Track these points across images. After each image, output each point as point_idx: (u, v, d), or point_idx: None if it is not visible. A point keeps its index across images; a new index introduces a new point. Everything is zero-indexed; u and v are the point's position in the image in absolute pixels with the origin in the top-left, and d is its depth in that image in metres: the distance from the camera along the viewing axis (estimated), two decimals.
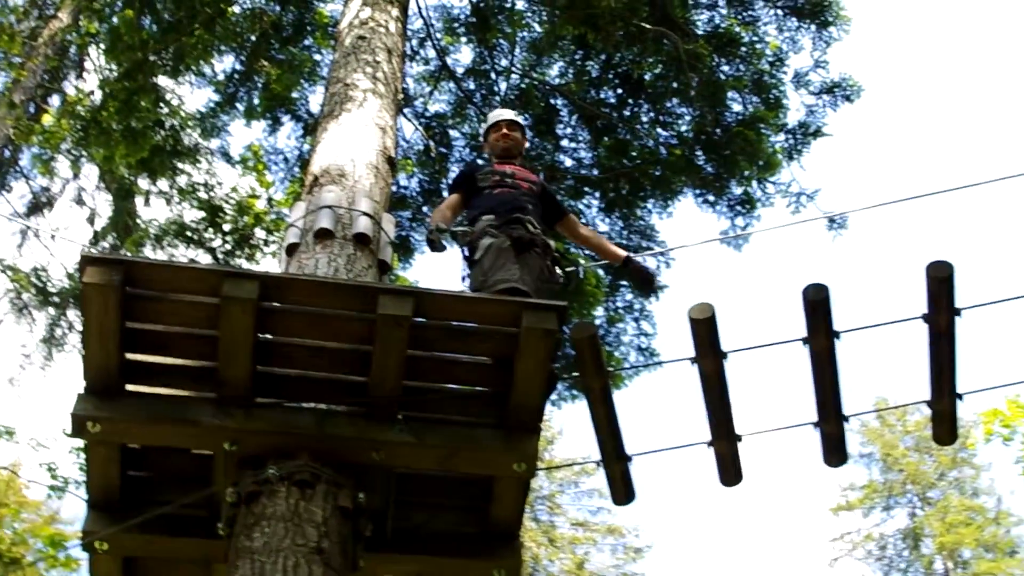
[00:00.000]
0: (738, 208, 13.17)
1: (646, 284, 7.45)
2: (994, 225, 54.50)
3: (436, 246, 6.68)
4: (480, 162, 10.44)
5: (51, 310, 16.63)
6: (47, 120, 15.60)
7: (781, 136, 13.08)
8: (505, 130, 7.49)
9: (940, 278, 6.01)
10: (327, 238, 6.52)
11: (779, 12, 13.24)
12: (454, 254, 6.81)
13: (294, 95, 13.80)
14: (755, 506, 54.30)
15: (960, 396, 6.36)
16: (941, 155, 56.71)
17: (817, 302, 6.03)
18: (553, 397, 12.62)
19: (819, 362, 6.21)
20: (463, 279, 6.65)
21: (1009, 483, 43.59)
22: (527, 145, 7.68)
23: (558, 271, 6.66)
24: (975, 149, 55.59)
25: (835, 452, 6.52)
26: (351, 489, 5.29)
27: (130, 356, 5.29)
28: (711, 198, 13.20)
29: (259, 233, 14.31)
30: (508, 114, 7.71)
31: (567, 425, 32.53)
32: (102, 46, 14.60)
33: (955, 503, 32.46)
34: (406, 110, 13.39)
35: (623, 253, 7.57)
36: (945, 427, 6.54)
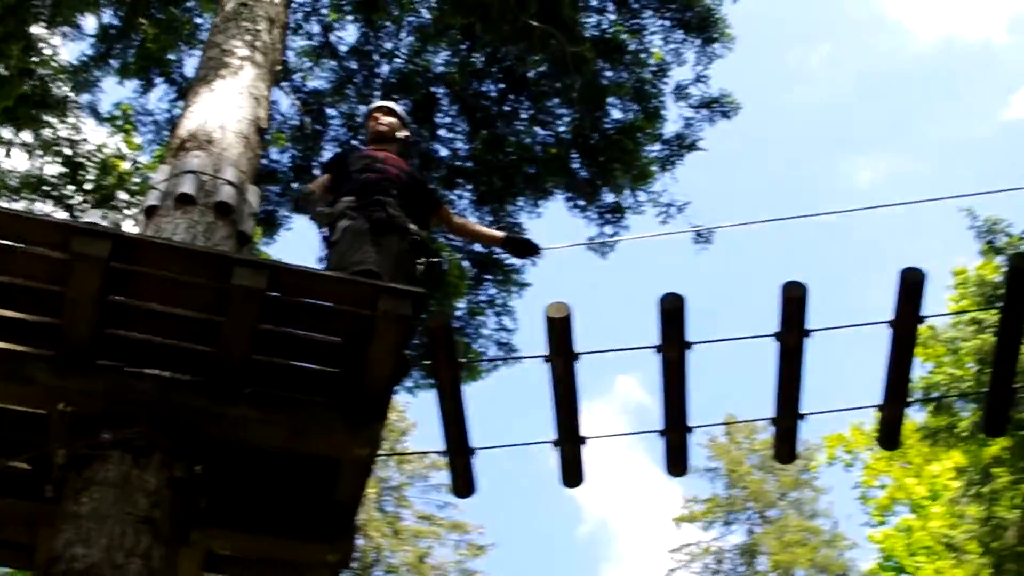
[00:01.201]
0: (608, 216, 13.28)
1: (529, 252, 7.52)
2: (853, 252, 55.82)
3: (299, 205, 6.67)
4: (356, 145, 10.39)
5: None
6: None
7: (657, 146, 13.23)
8: (377, 115, 7.51)
9: (794, 298, 6.11)
10: (188, 204, 6.39)
11: (666, 23, 13.39)
12: (315, 236, 6.78)
13: (170, 57, 13.52)
14: (605, 509, 54.84)
15: (803, 416, 6.49)
16: (807, 181, 57.86)
17: (672, 311, 6.08)
18: (410, 385, 12.60)
19: (670, 371, 6.27)
20: (320, 260, 6.60)
21: (846, 508, 44.71)
22: (406, 133, 7.62)
23: (419, 260, 6.64)
24: (839, 178, 56.89)
25: (677, 462, 6.60)
26: (188, 460, 5.18)
27: None
28: (582, 203, 13.29)
29: (122, 195, 14.01)
30: (383, 102, 7.73)
31: (423, 417, 32.47)
32: None
33: (793, 523, 33.09)
34: (284, 83, 13.23)
35: (501, 233, 7.71)
36: (786, 446, 6.67)
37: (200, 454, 5.26)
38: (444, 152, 13.37)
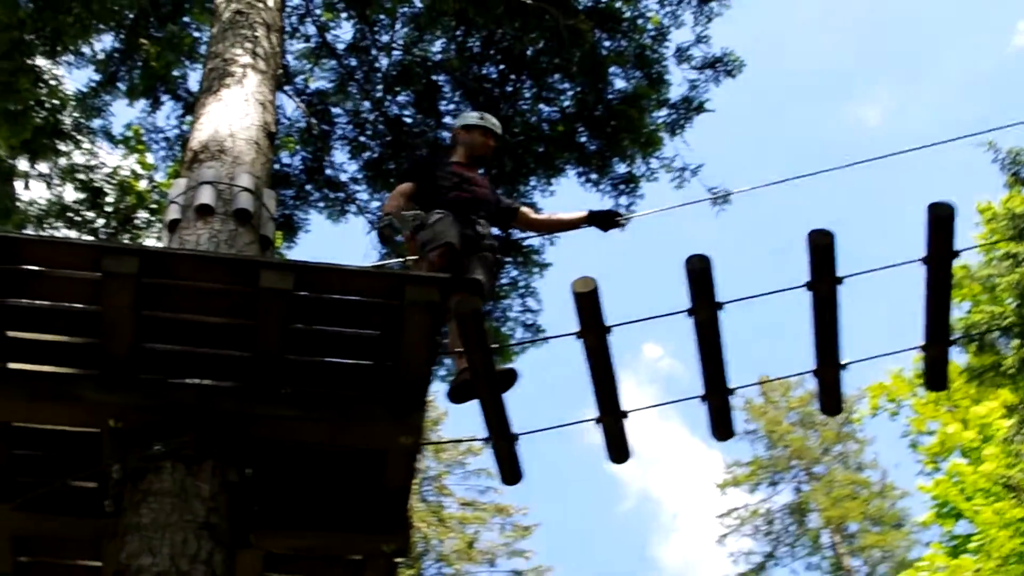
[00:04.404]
0: (621, 187, 13.26)
1: (614, 222, 7.59)
2: (876, 195, 55.55)
3: (385, 238, 6.84)
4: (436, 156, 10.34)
5: None
6: None
7: (664, 111, 13.19)
8: (489, 139, 7.61)
9: (822, 246, 6.06)
10: (208, 214, 6.45)
11: None
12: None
13: (174, 73, 13.60)
14: (645, 482, 54.79)
15: (844, 366, 6.41)
16: (817, 127, 57.62)
17: (699, 272, 6.06)
18: (443, 373, 12.61)
19: (703, 334, 6.22)
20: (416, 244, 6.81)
21: (893, 456, 44.61)
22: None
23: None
24: (852, 120, 56.68)
25: (722, 425, 6.53)
26: (238, 464, 5.28)
27: (12, 333, 5.23)
28: (594, 176, 13.27)
29: (142, 214, 14.18)
30: (498, 126, 7.81)
31: (453, 405, 32.43)
32: None
33: (840, 477, 32.97)
34: (287, 87, 13.28)
35: (583, 212, 7.64)
36: (831, 397, 6.57)
37: (249, 457, 5.34)
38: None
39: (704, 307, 6.11)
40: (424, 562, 29.77)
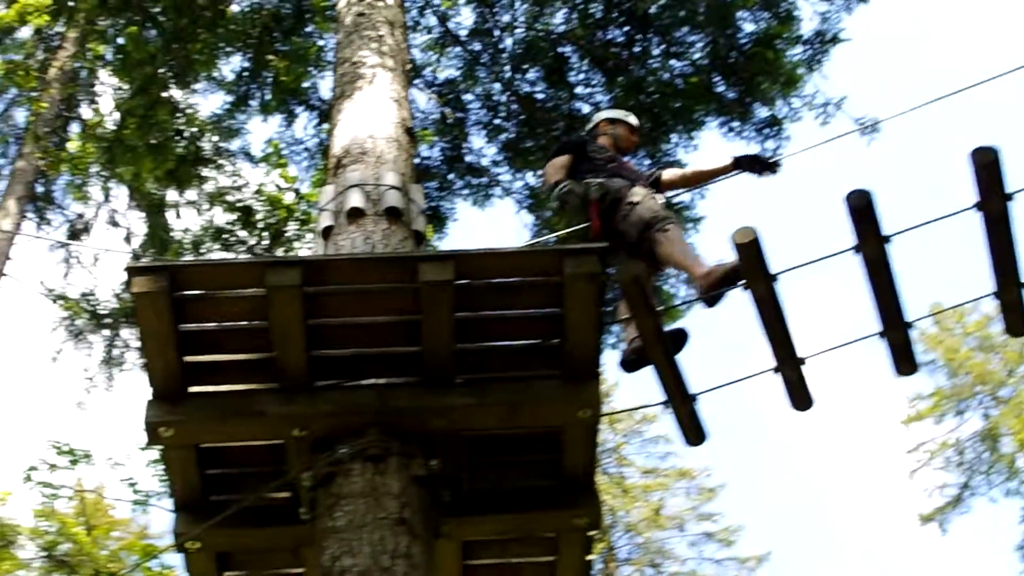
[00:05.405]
0: (766, 131, 13.02)
1: (767, 168, 7.43)
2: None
3: (568, 204, 6.88)
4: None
5: (105, 332, 16.86)
6: (73, 146, 15.81)
7: (799, 48, 12.88)
8: (634, 135, 7.84)
9: (986, 163, 5.85)
10: (359, 216, 6.52)
11: None
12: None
13: (305, 85, 13.82)
14: (824, 427, 53.95)
15: None
16: (967, 38, 55.80)
17: (862, 208, 5.91)
18: (613, 341, 12.53)
19: (873, 269, 6.07)
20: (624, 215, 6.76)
21: None
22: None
23: None
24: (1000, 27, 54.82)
25: (905, 360, 6.35)
26: (422, 457, 5.32)
27: (189, 358, 5.35)
28: (735, 124, 13.06)
29: (292, 226, 14.47)
30: (633, 116, 8.00)
31: (623, 374, 32.24)
32: (111, 67, 14.76)
33: None
34: (417, 80, 13.37)
35: (728, 161, 7.50)
36: (1016, 317, 6.34)
37: (432, 449, 5.38)
38: (586, 109, 13.29)
39: (871, 242, 5.96)
40: (613, 533, 29.79)
